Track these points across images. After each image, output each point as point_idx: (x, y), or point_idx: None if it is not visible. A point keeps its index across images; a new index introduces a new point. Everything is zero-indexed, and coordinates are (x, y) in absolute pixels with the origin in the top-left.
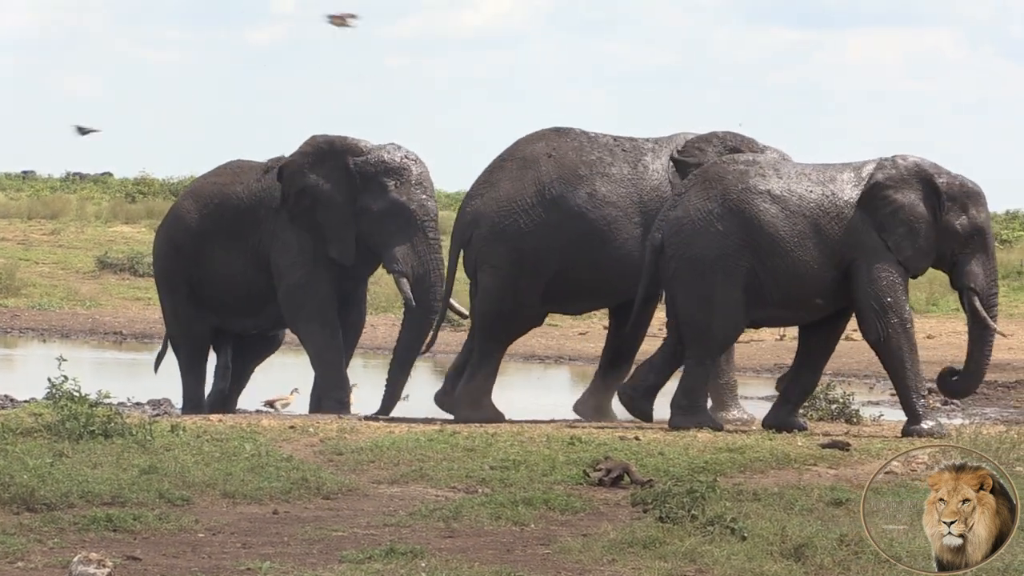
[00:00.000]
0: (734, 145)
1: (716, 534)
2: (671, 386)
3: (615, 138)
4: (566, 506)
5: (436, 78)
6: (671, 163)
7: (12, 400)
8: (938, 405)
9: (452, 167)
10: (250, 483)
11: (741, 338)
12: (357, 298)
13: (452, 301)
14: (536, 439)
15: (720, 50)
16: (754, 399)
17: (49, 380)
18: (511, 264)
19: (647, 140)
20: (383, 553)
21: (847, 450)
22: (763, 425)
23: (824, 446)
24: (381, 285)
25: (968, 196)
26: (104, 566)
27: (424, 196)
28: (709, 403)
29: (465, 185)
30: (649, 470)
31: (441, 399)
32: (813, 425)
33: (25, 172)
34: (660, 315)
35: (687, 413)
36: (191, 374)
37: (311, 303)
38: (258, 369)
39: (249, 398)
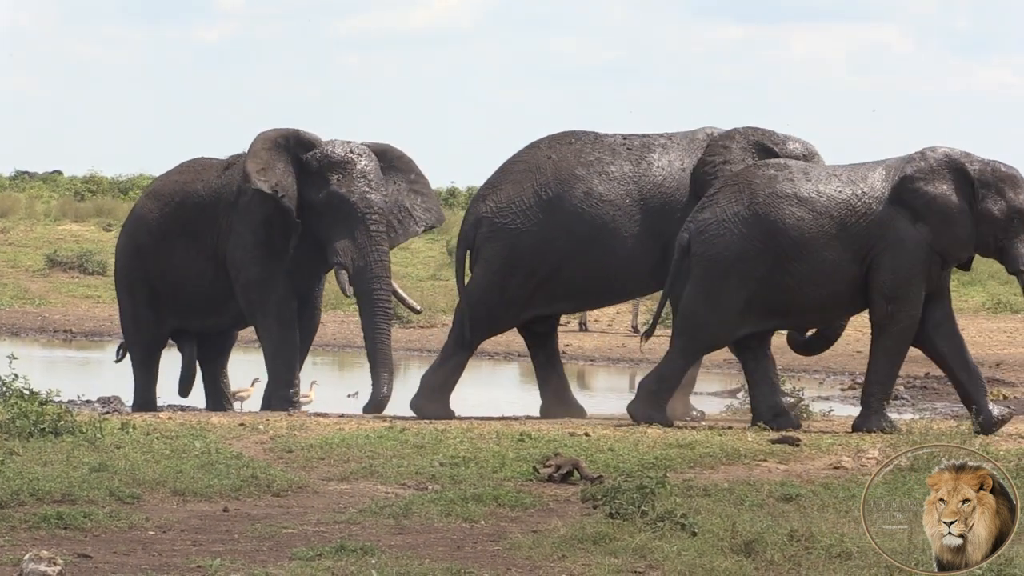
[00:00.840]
0: (756, 139)
1: (666, 530)
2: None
3: (624, 137)
4: (516, 502)
5: (385, 74)
6: (681, 159)
7: None
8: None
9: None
10: (200, 481)
11: None
12: (313, 296)
13: (404, 296)
14: (486, 436)
15: (665, 46)
16: (704, 394)
17: None
18: (503, 261)
19: (660, 136)
20: (333, 550)
21: (797, 445)
22: (853, 428)
23: (774, 441)
24: (330, 282)
25: (1003, 180)
26: (55, 564)
27: (367, 189)
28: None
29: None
30: (599, 466)
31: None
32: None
33: None
34: None
35: (648, 400)
36: (144, 373)
37: (269, 299)
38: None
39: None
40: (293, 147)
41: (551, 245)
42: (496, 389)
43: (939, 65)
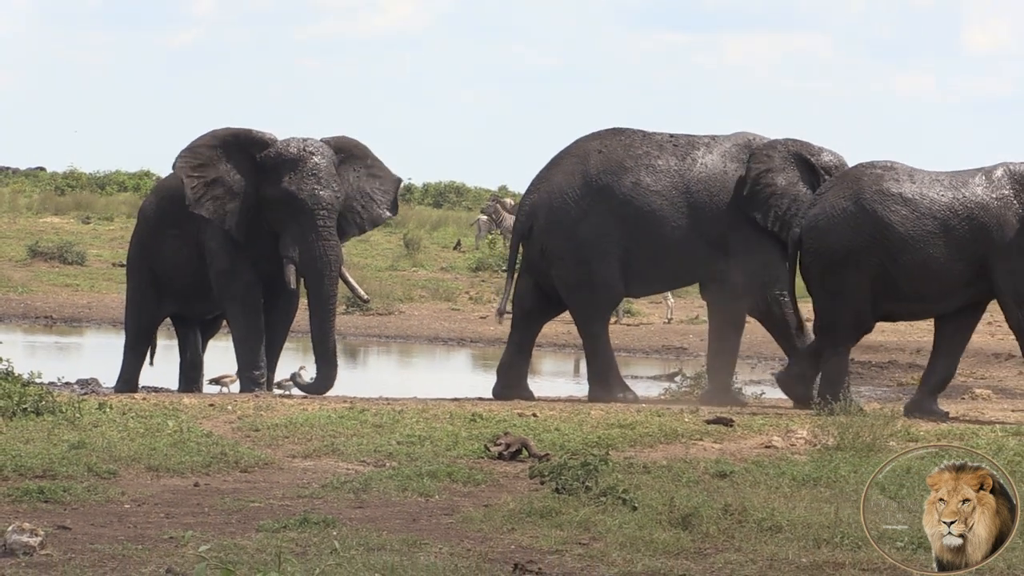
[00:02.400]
0: (796, 150)
1: (609, 504)
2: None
3: (671, 135)
4: (468, 479)
5: (344, 76)
6: (723, 159)
7: None
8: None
9: None
10: (173, 457)
11: (631, 321)
12: (284, 289)
13: (354, 284)
14: (440, 416)
15: (605, 51)
16: (643, 379)
17: None
18: (576, 250)
19: (704, 136)
20: (297, 523)
21: (731, 426)
22: (904, 413)
23: (709, 422)
24: None
25: None
26: (36, 535)
27: (316, 186)
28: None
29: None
30: (546, 445)
31: (500, 392)
32: (697, 401)
33: None
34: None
35: (827, 398)
36: (133, 354)
37: (236, 286)
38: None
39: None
40: (246, 146)
41: (606, 230)
42: (452, 372)
43: (861, 71)
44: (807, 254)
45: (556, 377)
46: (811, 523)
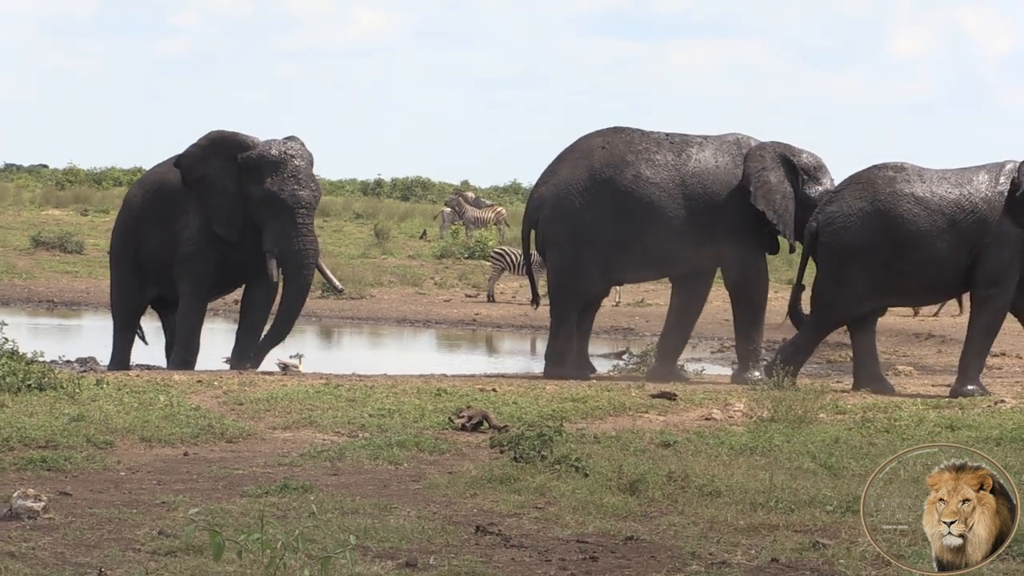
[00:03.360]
0: (780, 151)
1: (562, 471)
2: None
3: (667, 134)
4: (434, 448)
5: (320, 82)
6: (715, 156)
7: None
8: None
9: (334, 156)
10: (164, 429)
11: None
12: (264, 275)
13: (329, 275)
14: (408, 391)
15: (558, 58)
16: (594, 356)
17: None
18: (571, 238)
19: (697, 136)
20: (278, 488)
21: (674, 399)
22: (952, 395)
23: (654, 396)
24: None
25: None
26: (40, 500)
27: (296, 187)
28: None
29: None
30: (505, 417)
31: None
32: (644, 377)
33: None
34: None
35: (784, 366)
36: (122, 336)
37: (190, 273)
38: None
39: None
40: (231, 148)
41: (607, 220)
42: (416, 352)
43: (796, 74)
44: (822, 246)
45: (514, 355)
46: (748, 488)
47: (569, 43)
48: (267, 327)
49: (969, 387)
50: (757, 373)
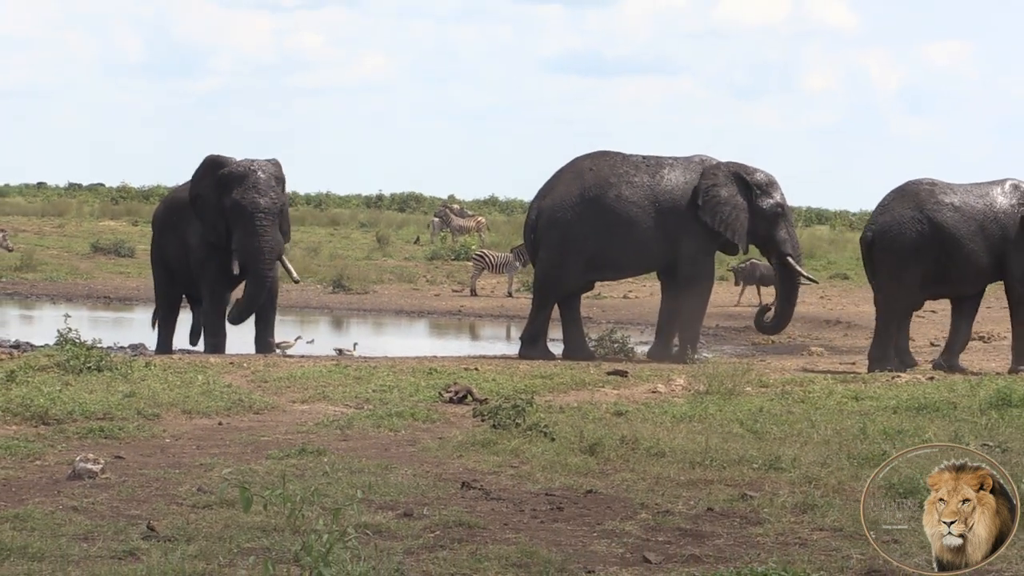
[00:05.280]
0: (734, 170)
1: (533, 436)
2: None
3: (644, 157)
4: (426, 418)
5: (329, 114)
6: (683, 175)
7: (31, 345)
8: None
9: (342, 175)
10: (202, 403)
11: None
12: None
13: (289, 267)
14: (405, 370)
15: (528, 92)
16: (558, 341)
17: (58, 331)
18: (560, 244)
19: (668, 158)
20: (297, 452)
21: (626, 376)
22: (933, 366)
23: (609, 373)
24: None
25: None
26: (98, 463)
27: (256, 195)
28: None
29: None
30: (485, 391)
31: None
32: (600, 358)
33: (39, 183)
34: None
35: (876, 359)
36: (164, 327)
37: (204, 274)
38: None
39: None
40: (215, 167)
41: (593, 230)
42: (411, 338)
43: (723, 106)
44: (880, 252)
45: (493, 340)
46: (687, 450)
47: (536, 80)
48: (262, 324)
49: (1021, 367)
50: (694, 353)
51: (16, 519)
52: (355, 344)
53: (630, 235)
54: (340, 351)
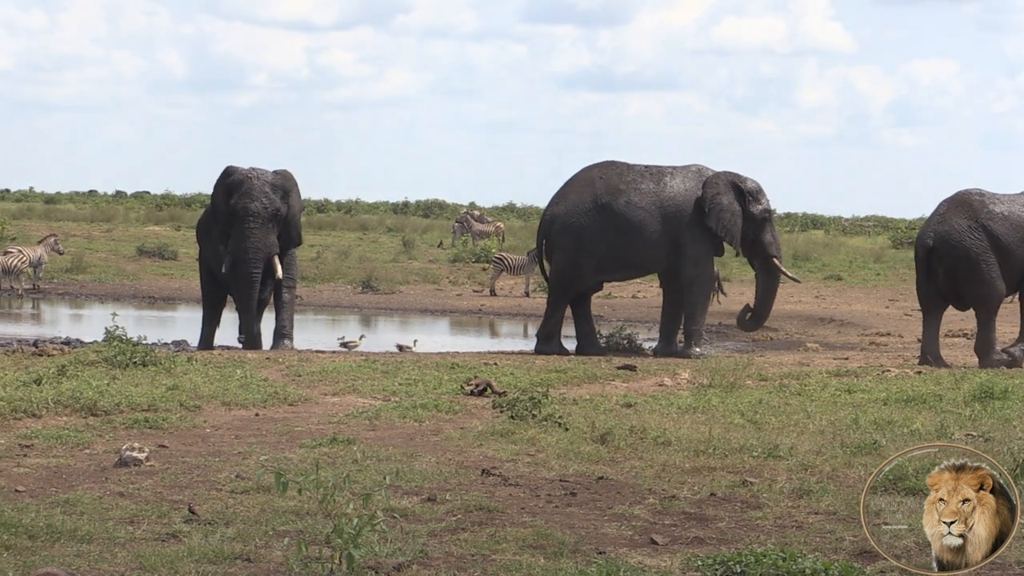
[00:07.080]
0: (731, 179)
1: (549, 427)
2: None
3: (647, 166)
4: (449, 409)
5: (359, 127)
6: (684, 182)
7: (81, 342)
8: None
9: (371, 183)
10: (240, 395)
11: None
12: (271, 274)
13: (277, 267)
14: (429, 365)
15: (543, 106)
16: (571, 338)
17: (106, 328)
18: (574, 247)
19: (668, 167)
20: (328, 441)
21: (634, 370)
22: (981, 366)
23: (619, 368)
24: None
25: None
26: (143, 451)
27: (247, 201)
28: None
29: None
30: (504, 384)
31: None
32: (612, 353)
33: (91, 191)
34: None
35: (989, 356)
36: (207, 324)
37: (235, 276)
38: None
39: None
40: (225, 177)
41: (605, 234)
42: (435, 335)
43: (725, 119)
44: (946, 259)
45: (511, 337)
46: (692, 439)
47: (550, 95)
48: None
49: None
50: (698, 349)
51: (66, 504)
52: (415, 340)
53: (639, 238)
54: (401, 347)
